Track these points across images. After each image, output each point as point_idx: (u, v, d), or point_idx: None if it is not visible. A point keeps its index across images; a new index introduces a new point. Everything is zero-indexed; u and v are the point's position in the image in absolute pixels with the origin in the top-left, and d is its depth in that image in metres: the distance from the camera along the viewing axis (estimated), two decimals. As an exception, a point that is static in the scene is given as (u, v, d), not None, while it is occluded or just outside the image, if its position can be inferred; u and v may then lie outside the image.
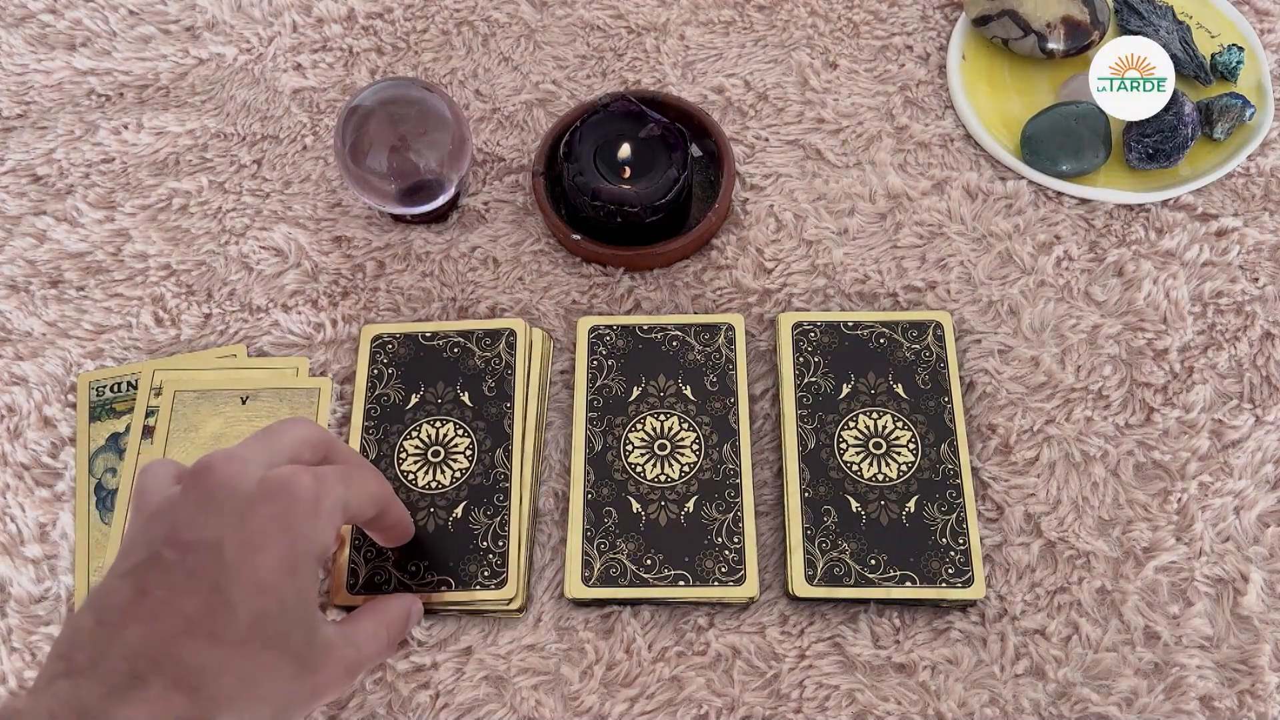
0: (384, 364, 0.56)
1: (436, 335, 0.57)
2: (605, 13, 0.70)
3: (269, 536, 0.37)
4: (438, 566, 0.51)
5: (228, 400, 0.54)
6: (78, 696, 0.34)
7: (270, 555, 0.37)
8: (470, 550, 0.51)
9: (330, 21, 0.70)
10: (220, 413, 0.54)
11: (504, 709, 0.49)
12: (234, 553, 0.37)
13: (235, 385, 0.55)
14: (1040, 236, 0.61)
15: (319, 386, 0.56)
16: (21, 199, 0.64)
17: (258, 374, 0.56)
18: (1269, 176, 0.62)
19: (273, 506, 0.38)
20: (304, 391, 0.56)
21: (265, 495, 0.38)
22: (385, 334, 0.57)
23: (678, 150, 0.58)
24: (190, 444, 0.54)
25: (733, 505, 0.52)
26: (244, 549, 0.37)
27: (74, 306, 0.60)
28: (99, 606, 0.37)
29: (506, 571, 0.50)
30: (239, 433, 0.54)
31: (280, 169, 0.65)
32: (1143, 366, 0.57)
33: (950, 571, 0.50)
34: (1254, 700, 0.49)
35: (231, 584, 0.36)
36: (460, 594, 0.50)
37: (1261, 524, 0.53)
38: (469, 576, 0.50)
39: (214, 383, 0.56)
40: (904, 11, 0.69)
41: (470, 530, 0.52)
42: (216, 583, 0.36)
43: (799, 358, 0.56)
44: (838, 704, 0.49)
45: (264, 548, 0.37)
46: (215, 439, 0.54)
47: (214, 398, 0.55)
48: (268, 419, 0.54)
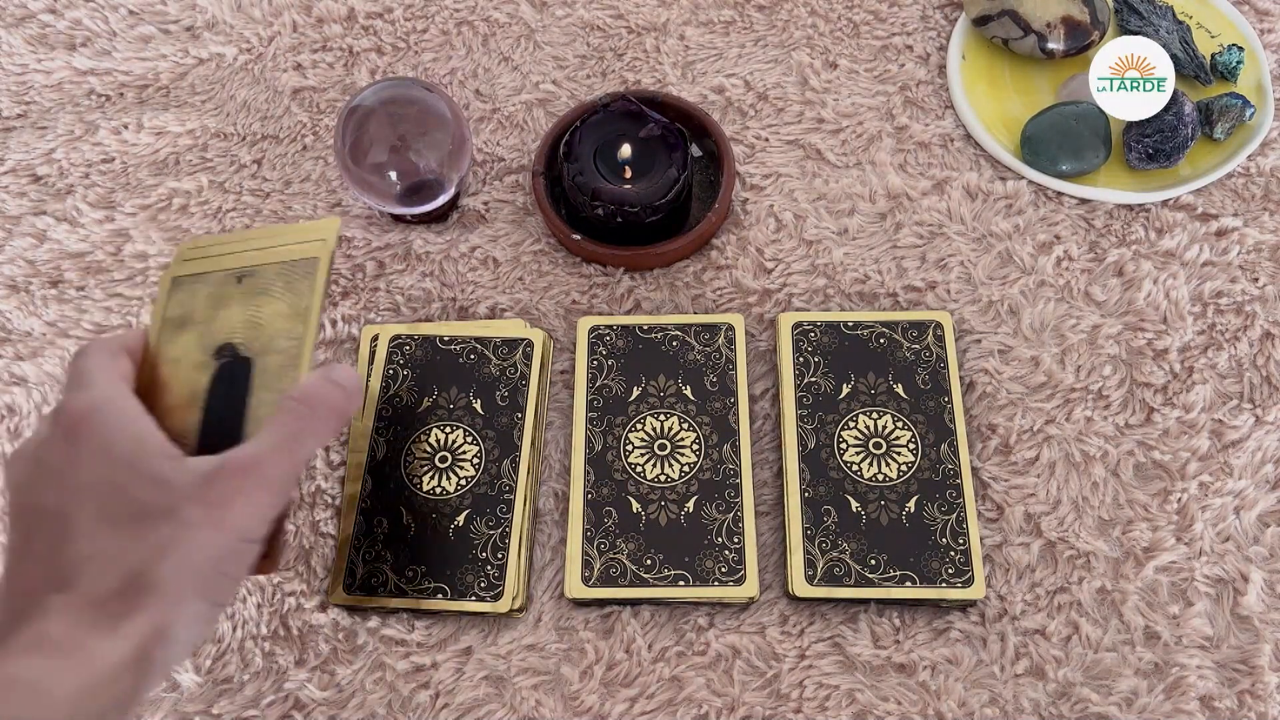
0: (400, 365, 0.56)
1: (455, 340, 0.57)
2: (605, 13, 0.70)
3: (69, 453, 0.38)
4: (435, 573, 0.51)
5: (226, 280, 0.46)
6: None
7: (83, 462, 0.38)
8: (469, 560, 0.51)
9: (330, 21, 0.70)
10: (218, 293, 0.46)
11: (504, 709, 0.49)
12: (52, 490, 0.38)
13: (235, 265, 0.47)
14: (1040, 236, 0.61)
15: (317, 255, 0.46)
16: (21, 199, 0.64)
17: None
18: (1269, 176, 0.62)
19: (53, 444, 0.39)
20: (302, 262, 0.46)
21: (42, 445, 0.39)
22: (403, 334, 0.57)
23: (678, 150, 0.58)
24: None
25: (733, 505, 0.52)
26: (57, 480, 0.38)
27: (74, 306, 0.60)
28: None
29: (503, 586, 0.50)
30: (230, 313, 0.46)
31: (280, 169, 0.65)
32: (1143, 366, 0.57)
33: (950, 571, 0.50)
34: (1254, 700, 0.49)
35: (66, 503, 0.37)
36: (454, 604, 0.50)
37: (1261, 524, 0.53)
38: (465, 587, 0.50)
39: (215, 264, 0.47)
40: (904, 11, 0.69)
41: (470, 540, 0.52)
42: (52, 513, 0.37)
43: (799, 358, 0.56)
44: (838, 704, 0.49)
45: (73, 462, 0.38)
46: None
47: (212, 279, 0.47)
48: (260, 295, 0.45)
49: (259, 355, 0.43)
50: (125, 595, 0.35)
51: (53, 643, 0.34)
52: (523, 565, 0.51)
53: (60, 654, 0.34)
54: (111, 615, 0.35)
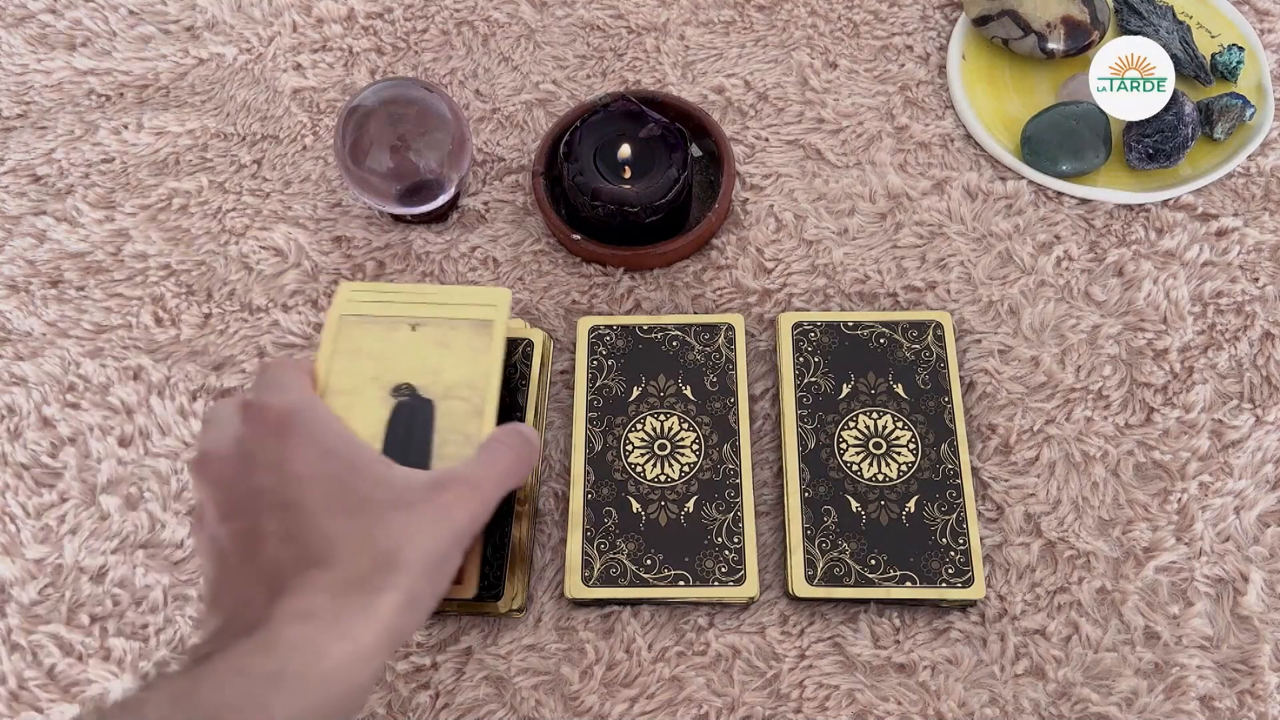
0: None
1: None
2: (605, 13, 0.70)
3: (282, 450, 0.41)
4: None
5: (396, 325, 0.51)
6: (238, 621, 0.37)
7: (297, 459, 0.40)
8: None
9: (330, 21, 0.70)
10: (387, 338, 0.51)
11: (504, 709, 0.49)
12: (271, 480, 0.40)
13: (406, 313, 0.51)
14: (1040, 236, 0.61)
15: (493, 318, 0.51)
16: (21, 199, 0.64)
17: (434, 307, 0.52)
18: (1269, 176, 0.62)
19: (264, 439, 0.41)
20: (479, 322, 0.51)
21: (250, 440, 0.42)
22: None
23: (678, 150, 0.58)
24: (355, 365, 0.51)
25: (733, 505, 0.52)
26: (274, 472, 0.40)
27: (74, 306, 0.60)
28: (212, 598, 0.40)
29: (502, 586, 0.50)
30: (405, 357, 0.50)
31: (280, 169, 0.65)
32: (1143, 366, 0.57)
33: (950, 571, 0.50)
34: (1254, 700, 0.49)
35: (289, 492, 0.40)
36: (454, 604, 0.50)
37: (1261, 524, 0.53)
38: None
39: (384, 309, 0.52)
40: (904, 11, 0.69)
41: None
42: (278, 503, 0.40)
43: (799, 358, 0.56)
44: (838, 704, 0.49)
45: (288, 458, 0.40)
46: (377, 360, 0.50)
47: (382, 322, 0.51)
48: (438, 345, 0.50)
49: (440, 399, 0.48)
50: (377, 573, 0.38)
51: (322, 615, 0.37)
52: (522, 565, 0.51)
53: (329, 627, 0.37)
54: (368, 591, 0.38)
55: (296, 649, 0.36)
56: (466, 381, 0.49)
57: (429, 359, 0.50)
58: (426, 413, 0.48)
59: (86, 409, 0.57)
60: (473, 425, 0.48)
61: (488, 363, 0.50)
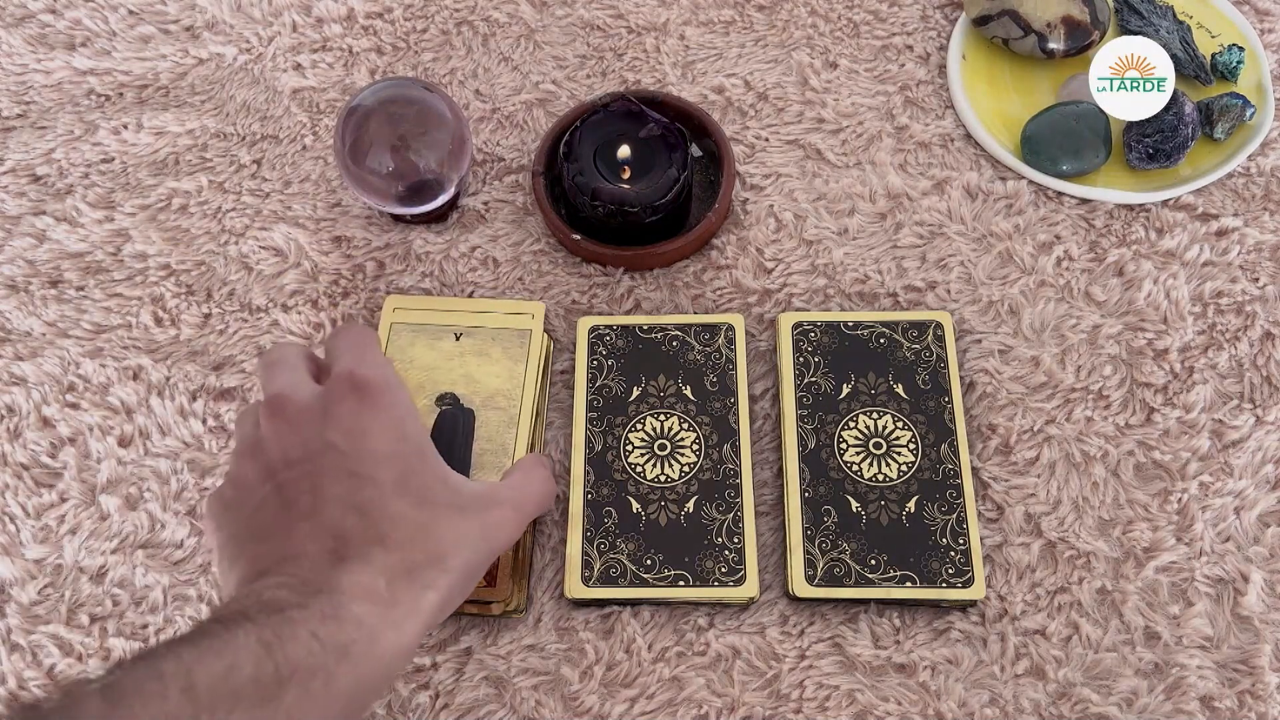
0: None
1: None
2: (605, 13, 0.69)
3: (362, 419, 0.42)
4: None
5: (442, 334, 0.55)
6: (296, 575, 0.37)
7: (375, 432, 0.41)
8: None
9: (330, 21, 0.70)
10: (434, 346, 0.55)
11: (504, 710, 0.49)
12: (346, 443, 0.41)
13: (451, 323, 0.56)
14: (1040, 236, 0.61)
15: (530, 327, 0.56)
16: (21, 199, 0.64)
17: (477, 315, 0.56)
18: (1269, 176, 0.62)
19: (347, 401, 0.42)
20: (516, 332, 0.55)
21: (332, 397, 0.42)
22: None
23: (678, 150, 0.58)
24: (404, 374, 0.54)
25: (733, 505, 0.52)
26: (350, 437, 0.41)
27: (73, 306, 0.60)
28: (250, 535, 0.40)
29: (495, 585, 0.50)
30: (449, 366, 0.54)
31: (280, 169, 0.65)
32: (1143, 366, 0.57)
33: (950, 572, 0.50)
34: (1254, 700, 0.49)
35: (362, 463, 0.40)
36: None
37: (1262, 524, 0.53)
38: None
39: (430, 318, 0.56)
40: (904, 11, 0.69)
41: None
42: (348, 469, 0.40)
43: (799, 358, 0.56)
44: (838, 704, 0.49)
45: (366, 428, 0.41)
46: (428, 370, 0.54)
47: (428, 331, 0.55)
48: (478, 355, 0.54)
49: (480, 409, 0.52)
50: (428, 568, 0.39)
51: (381, 598, 0.38)
52: (522, 565, 0.51)
53: (385, 612, 0.37)
54: (418, 585, 0.39)
55: (361, 626, 0.36)
56: (503, 391, 0.52)
57: (470, 369, 0.53)
58: (468, 421, 0.51)
59: (86, 409, 0.57)
60: (508, 435, 0.51)
61: (523, 373, 0.53)
